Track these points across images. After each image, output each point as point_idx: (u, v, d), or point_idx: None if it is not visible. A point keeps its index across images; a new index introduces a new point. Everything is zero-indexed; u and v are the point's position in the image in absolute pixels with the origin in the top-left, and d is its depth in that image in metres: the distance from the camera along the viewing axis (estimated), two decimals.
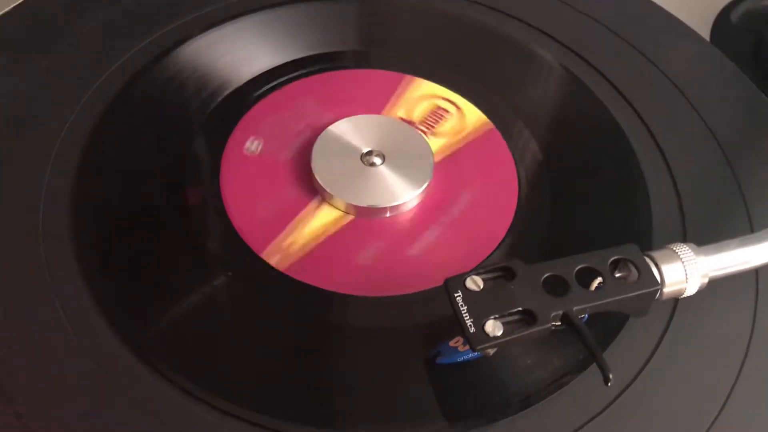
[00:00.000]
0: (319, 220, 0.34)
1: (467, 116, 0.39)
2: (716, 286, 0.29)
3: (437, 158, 0.37)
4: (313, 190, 0.35)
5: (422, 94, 0.40)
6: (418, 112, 0.39)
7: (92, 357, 0.28)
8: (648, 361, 0.30)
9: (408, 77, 0.41)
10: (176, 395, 0.27)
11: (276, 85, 0.40)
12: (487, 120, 0.39)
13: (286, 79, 0.40)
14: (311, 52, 0.42)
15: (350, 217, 0.35)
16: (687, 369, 0.30)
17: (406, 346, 0.31)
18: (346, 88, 0.40)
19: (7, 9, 0.40)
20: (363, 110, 0.39)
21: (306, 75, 0.41)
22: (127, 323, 0.29)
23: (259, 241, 0.33)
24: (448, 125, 0.39)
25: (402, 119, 0.39)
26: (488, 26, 0.43)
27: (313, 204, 0.35)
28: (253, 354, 0.30)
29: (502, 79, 0.42)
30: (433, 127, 0.39)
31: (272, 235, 0.34)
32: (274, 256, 0.33)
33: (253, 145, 0.33)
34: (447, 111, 0.40)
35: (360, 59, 0.42)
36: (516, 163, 0.38)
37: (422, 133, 0.38)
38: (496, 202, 0.36)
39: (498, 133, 0.39)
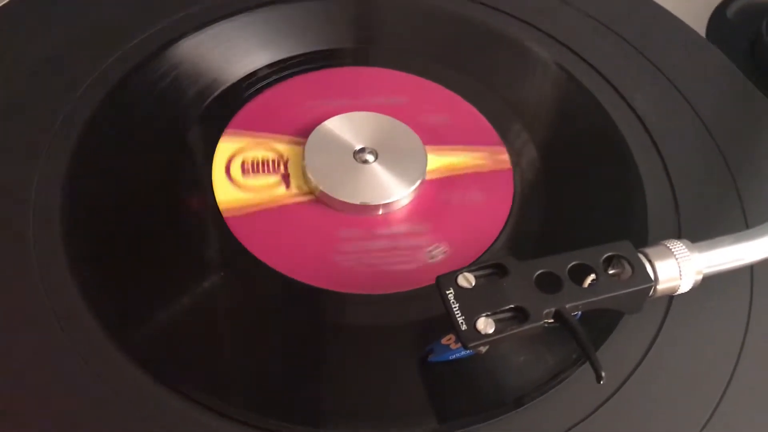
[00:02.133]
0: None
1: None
2: (711, 283, 0.29)
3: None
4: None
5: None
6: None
7: (83, 357, 0.28)
8: (642, 359, 0.30)
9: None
10: (166, 395, 0.27)
11: (270, 82, 0.40)
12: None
13: (281, 77, 0.40)
14: (306, 50, 0.41)
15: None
16: (681, 367, 0.30)
17: (398, 344, 0.31)
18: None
19: (1, 3, 0.40)
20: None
21: (300, 72, 0.40)
22: (117, 322, 0.29)
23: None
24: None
25: None
26: (484, 24, 0.43)
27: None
28: (245, 353, 0.30)
29: (498, 76, 0.42)
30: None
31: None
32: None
33: None
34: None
35: (357, 57, 0.42)
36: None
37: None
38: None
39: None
